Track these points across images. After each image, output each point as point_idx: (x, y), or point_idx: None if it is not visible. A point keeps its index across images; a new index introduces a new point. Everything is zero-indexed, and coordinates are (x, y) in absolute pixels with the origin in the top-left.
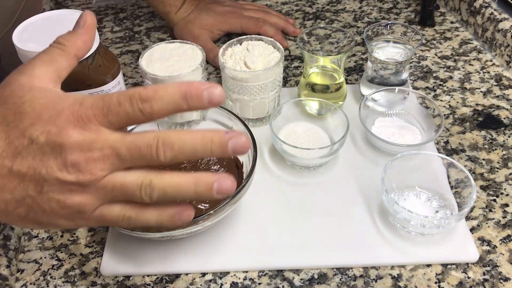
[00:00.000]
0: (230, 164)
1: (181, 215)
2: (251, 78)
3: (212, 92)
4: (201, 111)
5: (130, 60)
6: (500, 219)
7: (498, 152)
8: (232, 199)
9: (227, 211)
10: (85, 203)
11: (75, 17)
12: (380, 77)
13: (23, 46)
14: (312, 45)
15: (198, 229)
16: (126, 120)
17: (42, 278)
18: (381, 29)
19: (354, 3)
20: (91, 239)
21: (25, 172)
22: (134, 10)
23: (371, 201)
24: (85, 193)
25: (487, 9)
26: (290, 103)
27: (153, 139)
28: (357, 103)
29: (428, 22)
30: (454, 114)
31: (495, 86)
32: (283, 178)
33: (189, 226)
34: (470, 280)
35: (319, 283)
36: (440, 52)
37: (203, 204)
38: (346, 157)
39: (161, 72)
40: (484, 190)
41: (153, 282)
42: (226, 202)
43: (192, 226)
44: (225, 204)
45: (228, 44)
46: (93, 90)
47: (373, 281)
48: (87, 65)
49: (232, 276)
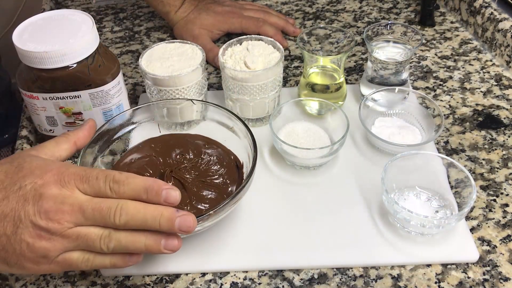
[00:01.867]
0: (231, 164)
1: (131, 259)
2: (251, 78)
3: (169, 193)
4: (202, 111)
5: (130, 60)
6: (500, 219)
7: (498, 152)
8: (232, 199)
9: (227, 211)
10: (50, 248)
11: (75, 17)
12: (380, 77)
13: (23, 46)
14: (312, 45)
15: (198, 229)
16: (97, 192)
17: (42, 278)
18: (381, 29)
19: (354, 3)
20: None
21: (7, 213)
22: (134, 10)
23: (371, 201)
24: (51, 240)
25: (487, 9)
26: (290, 103)
27: (115, 204)
28: (357, 103)
29: (428, 22)
30: (454, 114)
31: (495, 86)
32: (283, 178)
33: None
34: (470, 280)
35: (319, 283)
36: (440, 52)
37: (203, 204)
38: (346, 157)
39: (161, 72)
40: (484, 190)
41: (153, 282)
42: (226, 202)
43: (202, 223)
44: (224, 204)
45: (228, 44)
46: (93, 90)
47: (373, 281)
48: (87, 65)
49: (232, 276)
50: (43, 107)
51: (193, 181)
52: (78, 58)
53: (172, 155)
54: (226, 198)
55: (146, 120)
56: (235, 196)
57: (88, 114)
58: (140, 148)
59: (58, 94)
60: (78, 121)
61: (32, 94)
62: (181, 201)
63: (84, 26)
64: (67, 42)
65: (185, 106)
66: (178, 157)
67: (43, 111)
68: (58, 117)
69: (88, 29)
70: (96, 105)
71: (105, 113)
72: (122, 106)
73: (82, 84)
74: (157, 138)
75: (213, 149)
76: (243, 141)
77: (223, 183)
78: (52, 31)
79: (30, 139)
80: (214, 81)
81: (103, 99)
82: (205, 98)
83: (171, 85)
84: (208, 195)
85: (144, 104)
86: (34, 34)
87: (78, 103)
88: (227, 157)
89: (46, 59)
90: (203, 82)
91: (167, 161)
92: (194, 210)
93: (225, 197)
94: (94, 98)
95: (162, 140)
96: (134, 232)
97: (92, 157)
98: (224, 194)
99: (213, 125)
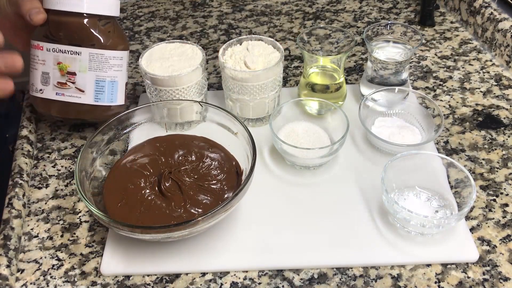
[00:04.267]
0: (231, 170)
1: None
2: (251, 78)
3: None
4: (202, 112)
5: (130, 60)
6: (500, 219)
7: (498, 152)
8: (230, 202)
9: (218, 218)
10: None
11: None
12: (380, 77)
13: None
14: (312, 45)
15: (197, 230)
16: None
17: (42, 278)
18: (381, 29)
19: (354, 3)
20: (91, 239)
21: None
22: (134, 10)
23: (371, 201)
24: None
25: (487, 9)
26: (290, 103)
27: None
28: (357, 103)
29: (428, 22)
30: (454, 114)
31: (495, 86)
32: (283, 178)
33: (187, 228)
34: (470, 280)
35: (319, 283)
36: (440, 52)
37: (197, 209)
38: (346, 157)
39: (161, 72)
40: (484, 190)
41: (153, 282)
42: (216, 209)
43: (191, 228)
44: (215, 211)
45: (228, 44)
46: (94, 51)
47: (373, 281)
48: (97, 25)
49: (232, 276)
50: (43, 60)
51: (191, 184)
52: (93, 10)
53: (175, 155)
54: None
55: (146, 120)
56: (233, 198)
57: (81, 77)
58: (144, 146)
59: (61, 46)
60: (69, 83)
61: (39, 43)
62: (176, 204)
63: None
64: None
65: (185, 106)
66: (180, 158)
67: (41, 65)
68: (53, 74)
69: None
70: (92, 68)
71: (97, 82)
72: (116, 85)
73: (86, 39)
74: (163, 137)
75: (216, 153)
76: (243, 144)
77: (220, 189)
78: None
79: (30, 139)
80: (214, 81)
81: (100, 64)
82: (205, 98)
83: (171, 85)
84: (203, 200)
85: (145, 104)
86: None
87: (76, 61)
88: (228, 163)
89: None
90: (203, 82)
91: (169, 161)
92: (187, 213)
93: (220, 203)
94: (93, 60)
95: (168, 140)
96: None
97: (91, 156)
98: (220, 200)
99: (212, 126)
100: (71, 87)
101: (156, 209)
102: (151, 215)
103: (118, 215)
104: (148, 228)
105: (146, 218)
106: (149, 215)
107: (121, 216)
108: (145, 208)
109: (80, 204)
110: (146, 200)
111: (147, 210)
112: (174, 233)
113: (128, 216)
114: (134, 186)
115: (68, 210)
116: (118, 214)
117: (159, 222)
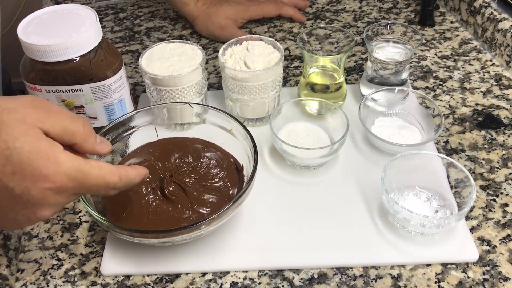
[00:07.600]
0: (230, 167)
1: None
2: (251, 78)
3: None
4: (200, 113)
5: (130, 60)
6: (500, 219)
7: (498, 152)
8: (235, 202)
9: (230, 215)
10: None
11: (79, 12)
12: (380, 77)
13: (27, 39)
14: (312, 45)
15: (201, 233)
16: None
17: (42, 277)
18: (381, 29)
19: (354, 3)
20: (91, 239)
21: None
22: (134, 10)
23: (371, 201)
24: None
25: (487, 9)
26: (290, 103)
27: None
28: (357, 103)
29: (428, 22)
30: (454, 114)
31: (495, 86)
32: (283, 178)
33: (192, 231)
34: (470, 280)
35: (319, 282)
36: (440, 52)
37: (205, 208)
38: (346, 157)
39: (161, 72)
40: (484, 190)
41: (153, 282)
42: (229, 206)
43: (195, 231)
44: (227, 208)
45: (228, 44)
46: (95, 84)
47: (373, 281)
48: (89, 60)
49: (232, 276)
50: (46, 99)
51: (194, 185)
52: (80, 52)
53: (171, 159)
54: (227, 201)
55: (146, 123)
56: (238, 198)
57: (90, 108)
58: (138, 153)
59: (60, 87)
60: (80, 114)
61: (36, 86)
62: (183, 206)
63: (88, 20)
64: (70, 36)
65: (184, 107)
66: (177, 161)
67: None
68: None
69: (91, 24)
70: (98, 99)
71: (106, 107)
72: (124, 101)
73: (84, 78)
74: (155, 142)
75: (212, 152)
76: (243, 144)
77: (224, 186)
78: (56, 25)
79: None
80: (214, 81)
81: (104, 93)
82: (205, 98)
83: (171, 85)
84: (209, 199)
85: (144, 108)
86: (39, 28)
87: (80, 97)
88: (226, 160)
89: (49, 52)
90: (203, 82)
91: (166, 165)
92: (196, 214)
93: (227, 200)
94: (96, 92)
95: (160, 144)
96: None
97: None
98: (226, 197)
99: (212, 127)
100: (83, 116)
101: (163, 213)
102: (160, 220)
103: (126, 225)
104: (164, 232)
105: (155, 223)
106: (158, 221)
107: (129, 226)
108: (152, 214)
109: (80, 204)
110: (152, 206)
111: (155, 215)
112: (187, 235)
113: (137, 225)
114: (136, 193)
115: (68, 210)
116: (125, 224)
117: (170, 226)
